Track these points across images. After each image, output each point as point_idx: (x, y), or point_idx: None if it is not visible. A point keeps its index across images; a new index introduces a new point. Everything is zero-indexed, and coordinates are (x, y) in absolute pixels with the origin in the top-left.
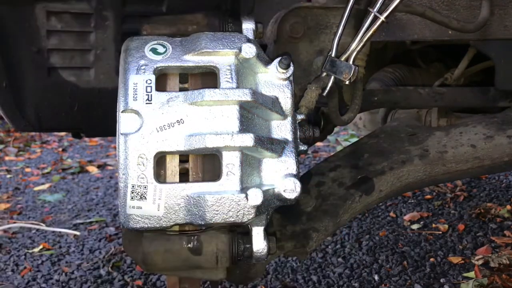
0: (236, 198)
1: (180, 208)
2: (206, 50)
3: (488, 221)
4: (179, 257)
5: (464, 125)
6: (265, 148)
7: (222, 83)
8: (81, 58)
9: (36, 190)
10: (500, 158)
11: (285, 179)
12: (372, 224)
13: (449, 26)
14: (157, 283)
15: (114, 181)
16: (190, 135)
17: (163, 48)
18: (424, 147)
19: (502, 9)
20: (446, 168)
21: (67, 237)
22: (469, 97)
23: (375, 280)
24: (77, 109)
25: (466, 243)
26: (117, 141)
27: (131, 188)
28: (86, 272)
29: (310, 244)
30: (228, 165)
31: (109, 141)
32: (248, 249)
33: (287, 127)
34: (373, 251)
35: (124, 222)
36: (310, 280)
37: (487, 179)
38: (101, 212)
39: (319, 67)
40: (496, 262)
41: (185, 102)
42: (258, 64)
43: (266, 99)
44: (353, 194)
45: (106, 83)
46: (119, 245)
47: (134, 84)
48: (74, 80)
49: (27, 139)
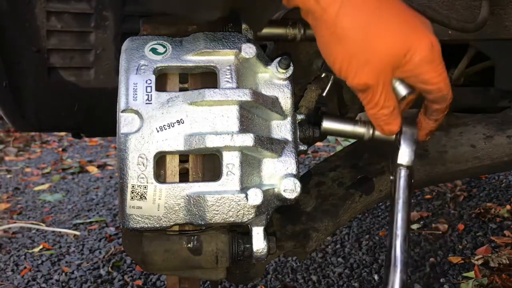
0: (236, 198)
1: (180, 208)
2: (206, 50)
3: (488, 221)
4: (179, 257)
5: (464, 125)
6: (265, 148)
7: (222, 83)
8: (81, 58)
9: (36, 190)
10: (499, 158)
11: (285, 179)
12: (372, 224)
13: (449, 26)
14: (157, 283)
15: (114, 181)
16: (190, 135)
17: (163, 48)
18: (424, 147)
19: (502, 9)
20: (446, 168)
21: (67, 237)
22: (469, 97)
23: (375, 280)
24: (77, 109)
25: (466, 243)
26: (117, 141)
27: (131, 188)
28: (86, 272)
29: (310, 244)
30: (228, 165)
31: (109, 141)
32: (248, 249)
33: (287, 127)
34: (373, 251)
35: (124, 222)
36: (310, 280)
37: (487, 179)
38: (101, 212)
39: (319, 67)
40: (496, 262)
41: (185, 102)
42: (258, 64)
43: (266, 99)
44: (353, 194)
45: (106, 83)
46: (119, 245)
47: (134, 84)
48: (74, 80)
49: (27, 139)
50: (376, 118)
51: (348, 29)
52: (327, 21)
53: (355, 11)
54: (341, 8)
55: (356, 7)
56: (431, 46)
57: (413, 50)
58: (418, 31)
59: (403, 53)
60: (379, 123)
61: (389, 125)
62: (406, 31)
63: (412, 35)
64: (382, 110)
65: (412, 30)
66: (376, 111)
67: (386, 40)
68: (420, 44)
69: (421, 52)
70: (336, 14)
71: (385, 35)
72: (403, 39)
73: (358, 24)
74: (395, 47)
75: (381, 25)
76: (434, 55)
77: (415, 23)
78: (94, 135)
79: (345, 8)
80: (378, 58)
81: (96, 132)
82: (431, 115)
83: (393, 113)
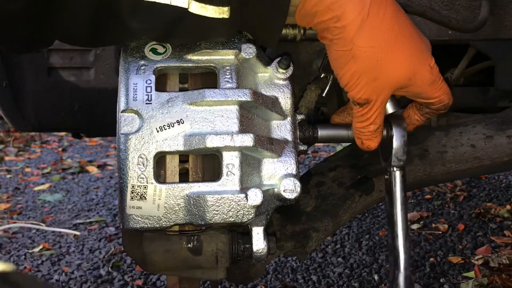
0: (236, 198)
1: (180, 208)
2: (206, 50)
3: (488, 221)
4: (179, 257)
5: (464, 125)
6: (265, 148)
7: (222, 83)
8: (81, 58)
9: (36, 190)
10: (499, 158)
11: (285, 179)
12: (372, 224)
13: (449, 26)
14: (157, 283)
15: (114, 181)
16: (190, 135)
17: (163, 48)
18: (423, 147)
19: (502, 9)
20: (446, 168)
21: (67, 237)
22: (469, 97)
23: (375, 280)
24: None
25: (466, 243)
26: (117, 141)
27: (131, 188)
28: (86, 272)
29: (310, 244)
30: (228, 165)
31: (109, 141)
32: (248, 249)
33: (287, 127)
34: (373, 251)
35: (123, 222)
36: (310, 280)
37: (487, 179)
38: (101, 212)
39: (319, 67)
40: (496, 262)
41: (185, 102)
42: (258, 64)
43: (266, 99)
44: (353, 194)
45: (106, 83)
46: (119, 245)
47: (134, 84)
48: (74, 80)
49: (27, 139)
50: (360, 132)
51: (364, 48)
52: (345, 38)
53: (373, 32)
54: (360, 27)
55: (374, 28)
56: (430, 69)
57: (417, 75)
58: (422, 57)
59: (409, 77)
60: (361, 137)
61: (370, 141)
62: (414, 59)
63: (417, 61)
64: (370, 126)
65: (418, 56)
66: (364, 125)
67: (398, 67)
68: (422, 69)
69: (423, 75)
70: (355, 33)
71: (398, 62)
72: (411, 66)
73: (375, 44)
74: (404, 73)
75: (395, 50)
76: (434, 76)
77: (422, 49)
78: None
79: (365, 27)
80: (386, 80)
81: (96, 132)
82: (425, 113)
83: (377, 130)
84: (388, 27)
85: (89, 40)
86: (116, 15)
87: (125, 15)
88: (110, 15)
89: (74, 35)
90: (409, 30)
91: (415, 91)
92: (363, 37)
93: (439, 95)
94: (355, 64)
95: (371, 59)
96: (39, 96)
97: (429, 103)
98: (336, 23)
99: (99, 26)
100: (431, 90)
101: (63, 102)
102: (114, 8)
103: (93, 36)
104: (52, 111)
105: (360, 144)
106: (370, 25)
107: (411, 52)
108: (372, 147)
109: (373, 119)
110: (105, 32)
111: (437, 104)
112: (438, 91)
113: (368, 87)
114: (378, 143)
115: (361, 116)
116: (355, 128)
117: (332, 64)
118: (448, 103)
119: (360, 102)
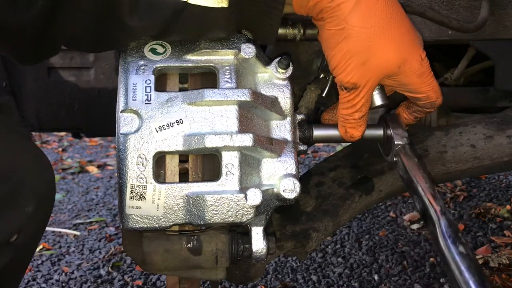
0: (235, 198)
1: (179, 208)
2: (206, 50)
3: (488, 221)
4: (178, 257)
5: (464, 125)
6: (264, 148)
7: (221, 83)
8: (81, 58)
9: None
10: (499, 158)
11: (284, 179)
12: (372, 224)
13: (449, 26)
14: (157, 283)
15: (114, 181)
16: (189, 135)
17: (163, 48)
18: (423, 147)
19: (502, 9)
20: (446, 168)
21: (67, 237)
22: (469, 97)
23: (375, 280)
24: (77, 109)
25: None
26: (116, 141)
27: (130, 188)
28: (86, 272)
29: (310, 244)
30: (228, 165)
31: (109, 141)
32: (247, 249)
33: (287, 127)
34: (373, 251)
35: (123, 222)
36: (310, 280)
37: (487, 179)
38: (101, 212)
39: (319, 67)
40: (496, 262)
41: (185, 102)
42: (257, 64)
43: (266, 99)
44: (353, 194)
45: (106, 83)
46: (119, 245)
47: (133, 84)
48: (74, 80)
49: None
50: (345, 120)
51: (357, 27)
52: (339, 17)
53: (367, 13)
54: (355, 6)
55: (368, 9)
56: (420, 60)
57: (407, 63)
58: (412, 45)
59: (398, 65)
60: (345, 125)
61: (354, 129)
62: (406, 46)
63: (408, 49)
64: (356, 113)
65: (409, 44)
66: (350, 112)
67: (389, 51)
68: (412, 58)
69: (412, 65)
70: (349, 12)
71: (389, 46)
72: (402, 53)
73: (368, 25)
74: (394, 59)
75: (388, 34)
76: (424, 68)
77: (413, 38)
78: (94, 135)
79: (359, 7)
80: (375, 64)
81: (96, 132)
82: (414, 112)
83: (362, 119)
84: (382, 11)
85: (94, 44)
86: (116, 16)
87: (126, 14)
88: (111, 16)
89: (79, 40)
90: (402, 18)
91: (403, 81)
92: (357, 17)
93: (426, 90)
94: (346, 44)
95: (363, 40)
96: (39, 96)
97: (416, 98)
98: (331, 2)
99: (102, 28)
100: (419, 83)
101: (63, 102)
102: (114, 8)
103: (97, 39)
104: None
105: (344, 133)
106: (364, 6)
107: (403, 39)
108: (356, 137)
109: (359, 106)
110: (108, 35)
111: (423, 100)
112: (426, 86)
113: (357, 70)
114: (362, 132)
115: (347, 102)
116: (340, 115)
117: (323, 45)
118: (436, 102)
119: (347, 87)
